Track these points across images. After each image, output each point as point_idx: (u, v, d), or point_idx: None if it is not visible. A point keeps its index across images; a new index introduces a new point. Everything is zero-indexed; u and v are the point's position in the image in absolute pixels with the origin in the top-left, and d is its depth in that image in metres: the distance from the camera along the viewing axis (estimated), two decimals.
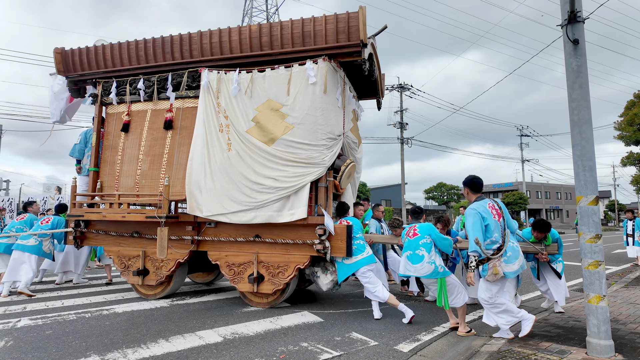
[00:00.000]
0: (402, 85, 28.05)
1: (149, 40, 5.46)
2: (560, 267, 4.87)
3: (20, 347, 3.46)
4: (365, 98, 6.86)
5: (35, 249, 5.89)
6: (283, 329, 4.09)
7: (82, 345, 3.53)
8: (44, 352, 3.34)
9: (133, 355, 3.28)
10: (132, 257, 5.52)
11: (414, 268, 4.20)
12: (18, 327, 4.08)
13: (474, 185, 3.93)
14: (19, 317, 4.46)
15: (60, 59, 5.93)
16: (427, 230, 4.34)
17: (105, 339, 3.71)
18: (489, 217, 3.67)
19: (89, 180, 5.82)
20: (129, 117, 5.70)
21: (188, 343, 3.59)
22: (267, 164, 4.84)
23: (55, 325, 4.16)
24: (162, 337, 3.77)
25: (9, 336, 3.77)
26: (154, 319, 4.42)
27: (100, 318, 4.47)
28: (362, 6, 4.62)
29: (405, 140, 27.91)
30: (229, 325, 4.20)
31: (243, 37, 5.02)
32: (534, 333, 3.81)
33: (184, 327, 4.12)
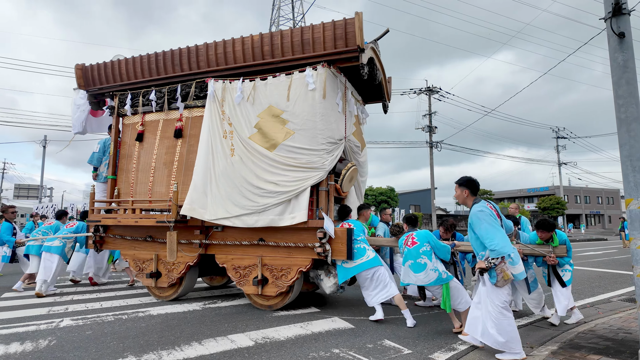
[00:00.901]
0: (430, 88, 27.62)
1: (159, 53, 5.75)
2: (569, 275, 4.58)
3: (63, 347, 3.60)
4: (372, 102, 6.90)
5: (59, 249, 6.32)
6: (314, 334, 4.05)
7: (119, 346, 3.64)
8: (85, 352, 3.46)
9: (168, 357, 3.35)
10: (146, 260, 5.77)
11: (416, 277, 4.18)
12: (61, 327, 4.26)
13: (474, 186, 3.64)
14: (61, 318, 4.66)
15: (80, 74, 6.35)
16: (425, 237, 4.31)
17: (141, 340, 3.81)
18: (494, 216, 3.42)
19: (106, 187, 6.17)
20: (143, 127, 6.00)
21: (220, 346, 3.63)
22: (269, 169, 4.96)
23: (94, 326, 4.32)
24: (196, 339, 3.83)
25: (53, 335, 3.94)
26: (187, 322, 4.49)
27: (136, 320, 4.60)
28: (358, 12, 4.71)
29: (435, 144, 27.40)
30: (260, 329, 4.21)
31: (246, 47, 5.21)
32: (580, 344, 3.59)
33: (216, 330, 4.16)
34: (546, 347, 3.60)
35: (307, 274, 5.33)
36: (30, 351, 3.47)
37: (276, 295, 5.05)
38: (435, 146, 27.37)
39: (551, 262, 4.52)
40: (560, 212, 36.58)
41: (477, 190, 3.65)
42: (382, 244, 5.47)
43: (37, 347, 3.57)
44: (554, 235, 4.62)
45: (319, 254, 4.74)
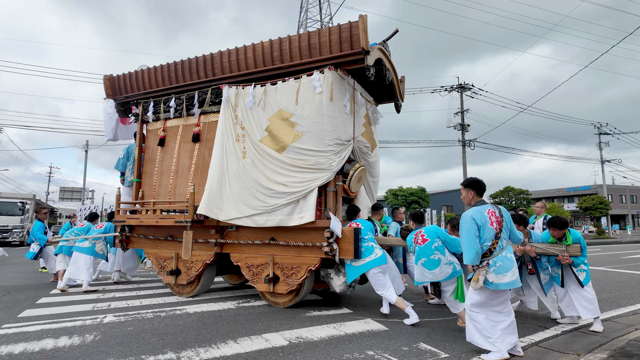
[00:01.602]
0: (462, 85, 26.92)
1: (178, 62, 6.05)
2: (584, 275, 4.42)
3: (107, 342, 3.76)
4: (385, 102, 6.95)
5: (89, 250, 6.74)
6: (347, 335, 4.02)
7: (159, 342, 3.76)
8: (127, 347, 3.60)
9: (205, 354, 3.42)
10: (167, 258, 6.07)
11: (432, 274, 4.18)
12: (104, 323, 4.46)
13: (479, 188, 3.59)
14: (105, 314, 4.87)
15: (108, 84, 6.76)
16: (435, 233, 4.30)
17: (179, 337, 3.91)
18: (485, 224, 3.38)
19: (131, 190, 6.55)
20: (164, 133, 6.33)
21: (255, 345, 3.67)
22: (278, 171, 5.11)
23: (135, 323, 4.48)
24: (231, 338, 3.90)
25: (97, 331, 4.13)
26: (222, 320, 4.58)
27: (174, 317, 4.74)
28: (362, 15, 4.78)
29: (467, 143, 26.67)
30: (294, 329, 4.23)
31: (257, 54, 5.40)
32: (632, 353, 3.37)
33: (251, 329, 4.22)
34: (594, 354, 3.40)
35: (318, 273, 5.45)
36: (77, 345, 3.65)
37: (287, 293, 5.19)
38: (468, 144, 26.64)
39: (565, 261, 4.40)
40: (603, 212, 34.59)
41: (482, 191, 3.60)
42: (393, 244, 5.50)
43: (84, 342, 3.75)
44: (567, 233, 4.51)
45: (327, 253, 4.85)
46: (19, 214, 20.59)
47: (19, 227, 20.31)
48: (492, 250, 3.35)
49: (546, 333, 4.22)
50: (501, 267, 3.31)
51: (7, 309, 5.09)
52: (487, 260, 3.35)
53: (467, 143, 26.68)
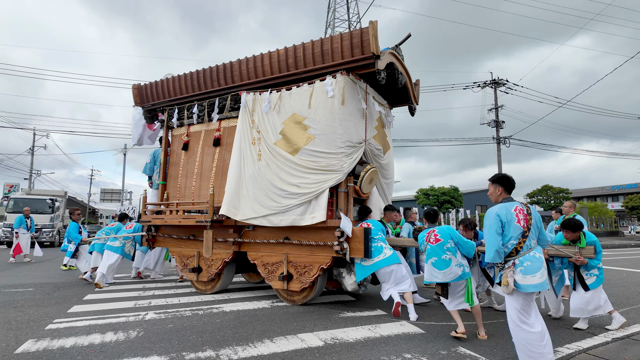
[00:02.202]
0: (496, 81, 26.08)
1: (199, 70, 6.37)
2: (593, 279, 4.38)
3: (150, 338, 3.90)
4: (400, 105, 7.03)
5: (119, 250, 7.22)
6: (383, 337, 3.98)
7: (198, 340, 3.85)
8: (168, 344, 3.72)
9: (243, 352, 3.48)
10: (189, 256, 6.40)
11: (442, 274, 4.12)
12: (146, 320, 4.62)
13: (508, 184, 3.39)
14: (146, 311, 5.05)
15: (137, 93, 7.18)
16: (448, 234, 4.26)
17: (217, 335, 4.00)
18: (511, 222, 3.17)
19: (158, 192, 6.93)
20: (188, 138, 6.67)
21: (291, 345, 3.69)
22: (292, 172, 5.30)
23: (175, 320, 4.62)
24: (267, 337, 3.94)
25: (140, 327, 4.28)
26: (258, 319, 4.65)
27: (211, 316, 4.85)
28: (373, 21, 4.92)
29: (502, 140, 25.80)
30: (328, 329, 4.23)
31: (273, 61, 5.63)
32: None
33: (286, 328, 4.25)
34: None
35: (331, 273, 5.63)
36: (122, 340, 3.80)
37: (300, 290, 5.38)
38: (503, 142, 25.78)
39: (579, 262, 4.37)
40: None
41: (511, 188, 3.40)
42: (405, 245, 5.52)
43: (128, 337, 3.90)
44: (581, 235, 4.48)
45: (337, 252, 5.00)
46: (49, 212, 19.41)
47: (48, 227, 18.92)
48: (518, 249, 3.14)
49: (595, 340, 4.01)
50: (529, 267, 3.08)
51: (57, 305, 5.40)
52: (513, 259, 3.15)
53: (502, 140, 25.82)
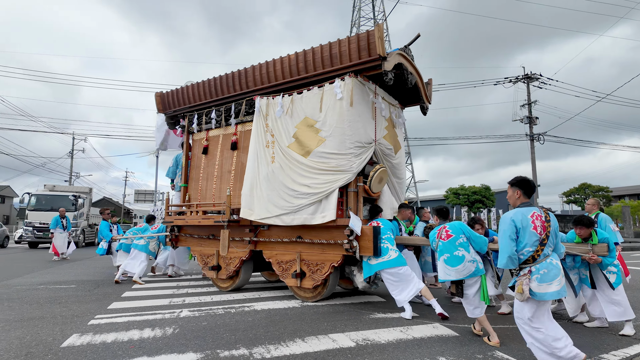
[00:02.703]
0: (528, 76, 25.22)
1: (217, 77, 6.64)
2: (614, 277, 4.28)
3: (185, 335, 4.00)
4: (412, 104, 7.09)
5: (144, 248, 7.62)
6: (415, 339, 3.91)
7: (231, 337, 3.92)
8: (203, 341, 3.80)
9: (275, 351, 3.51)
10: (209, 255, 6.68)
11: (455, 271, 4.00)
12: (181, 317, 4.75)
13: (528, 187, 3.26)
14: (180, 309, 5.19)
15: (159, 100, 7.55)
16: (460, 229, 4.18)
17: (249, 333, 4.06)
18: (526, 229, 3.05)
19: (180, 194, 7.26)
20: (207, 142, 6.97)
21: (323, 345, 3.69)
22: (303, 174, 5.47)
23: (208, 318, 4.72)
24: (298, 336, 3.96)
25: (176, 324, 4.40)
26: (289, 319, 4.68)
27: (243, 314, 4.93)
28: (379, 24, 5.05)
29: (536, 137, 24.88)
30: (359, 330, 4.20)
31: (284, 66, 5.81)
32: None
33: (317, 328, 4.26)
34: None
35: (344, 271, 5.80)
36: (160, 337, 3.92)
37: (312, 288, 5.55)
38: (537, 138, 24.89)
39: (593, 261, 4.27)
40: None
41: (531, 192, 3.27)
42: (417, 243, 5.53)
43: (164, 334, 4.02)
44: (593, 233, 4.40)
45: (347, 250, 5.13)
46: (72, 209, 17.97)
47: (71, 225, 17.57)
48: (535, 257, 3.02)
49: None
50: (545, 275, 2.97)
51: (98, 301, 5.64)
52: (529, 267, 3.03)
53: (536, 137, 24.94)
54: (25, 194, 18.91)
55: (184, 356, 3.36)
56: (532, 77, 25.31)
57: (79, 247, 17.53)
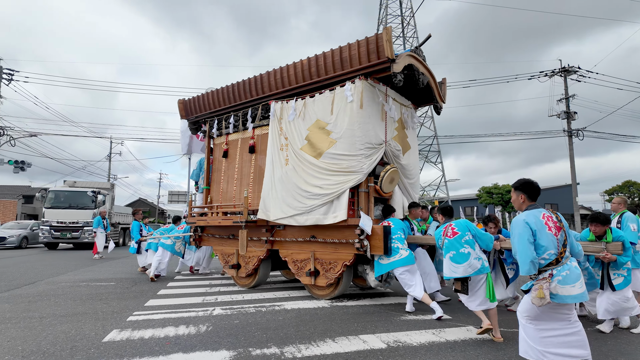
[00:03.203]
0: (565, 69, 24.11)
1: (234, 84, 6.89)
2: (621, 279, 4.20)
3: (218, 333, 4.09)
4: (426, 104, 7.11)
5: (169, 247, 8.06)
6: (449, 342, 3.82)
7: (263, 336, 3.97)
8: (235, 339, 3.87)
9: (306, 351, 3.52)
10: (230, 254, 6.95)
11: (461, 268, 4.02)
12: (214, 315, 4.86)
13: (533, 190, 3.11)
14: (213, 307, 5.31)
15: (182, 107, 7.90)
16: (465, 226, 4.21)
17: (280, 332, 4.10)
18: (542, 230, 2.89)
19: (203, 196, 7.59)
20: (227, 146, 7.25)
21: (353, 346, 3.68)
22: (315, 175, 5.62)
23: (240, 316, 4.81)
24: (329, 336, 3.96)
25: (209, 322, 4.51)
26: (319, 318, 4.69)
27: (274, 313, 4.98)
28: (387, 27, 5.13)
29: (574, 133, 23.70)
30: (390, 332, 4.16)
31: (297, 71, 5.99)
32: None
33: (347, 329, 4.25)
34: None
35: (357, 269, 5.89)
36: (194, 334, 4.03)
37: (326, 286, 5.71)
38: (576, 134, 23.70)
39: (607, 259, 4.18)
40: None
41: (536, 195, 3.12)
42: (429, 243, 5.53)
43: (198, 331, 4.13)
44: (607, 231, 4.31)
45: (358, 249, 5.24)
46: (91, 206, 16.56)
47: (91, 224, 15.46)
48: (559, 259, 2.86)
49: None
50: (567, 276, 2.81)
51: (135, 298, 5.87)
52: (550, 270, 2.86)
53: (574, 133, 23.75)
54: (42, 190, 17.48)
55: (217, 353, 3.43)
56: (569, 70, 24.17)
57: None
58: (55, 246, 17.34)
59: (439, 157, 35.45)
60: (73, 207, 16.66)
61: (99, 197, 17.15)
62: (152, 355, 3.39)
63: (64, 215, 16.36)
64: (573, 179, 24.08)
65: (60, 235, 16.26)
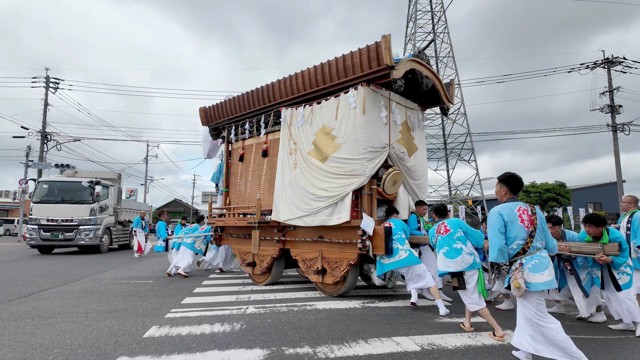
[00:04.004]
0: (609, 60, 22.90)
1: (248, 92, 7.28)
2: (627, 279, 4.24)
3: (252, 331, 4.16)
4: (434, 106, 7.23)
5: (190, 245, 8.52)
6: (486, 347, 3.70)
7: (295, 335, 4.00)
8: (269, 338, 3.92)
9: (339, 351, 3.52)
10: (246, 252, 7.32)
11: (454, 263, 4.23)
12: (247, 314, 4.95)
13: (515, 184, 3.40)
14: (247, 305, 5.42)
15: (203, 114, 8.40)
16: (457, 223, 4.45)
17: (312, 332, 4.11)
18: (514, 222, 3.22)
19: (222, 198, 8.05)
20: (243, 150, 7.66)
21: (386, 347, 3.64)
22: (321, 178, 5.89)
23: (273, 315, 4.87)
24: (361, 337, 3.94)
25: (242, 320, 4.60)
26: (351, 319, 4.68)
27: (305, 312, 5.02)
28: (386, 35, 5.28)
29: (619, 127, 22.40)
30: (424, 334, 4.08)
31: (304, 79, 6.29)
32: None
33: (379, 330, 4.21)
34: None
35: (363, 268, 6.19)
36: (229, 332, 4.12)
37: (332, 284, 5.99)
38: (621, 129, 22.40)
39: (602, 261, 4.27)
40: None
41: (518, 188, 3.42)
42: (419, 241, 5.68)
43: (233, 329, 4.22)
44: (604, 231, 4.38)
45: (361, 249, 5.47)
46: (89, 201, 13.49)
47: (89, 223, 13.30)
48: (525, 249, 3.18)
49: None
50: (536, 265, 3.12)
51: (172, 296, 6.08)
52: (520, 259, 3.18)
53: (619, 127, 22.45)
54: (31, 180, 14.60)
55: (252, 352, 3.49)
56: (613, 61, 22.92)
57: (101, 251, 14.41)
58: (49, 250, 14.29)
59: (472, 155, 34.47)
60: (66, 200, 13.44)
61: (97, 188, 13.72)
62: (189, 351, 3.50)
63: (57, 210, 13.29)
64: (618, 177, 22.76)
65: (52, 237, 13.20)
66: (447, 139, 35.74)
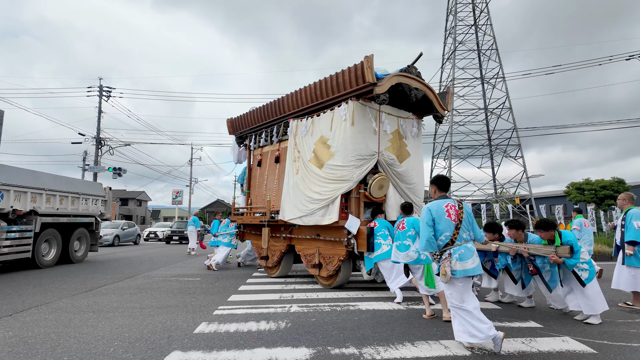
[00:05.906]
0: None
1: (265, 105, 8.19)
2: (587, 274, 4.59)
3: (297, 330, 4.19)
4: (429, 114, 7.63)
5: (227, 244, 9.79)
6: (542, 353, 3.51)
7: (340, 335, 3.99)
8: (314, 337, 3.94)
9: (385, 353, 3.47)
10: (262, 247, 8.15)
11: (402, 255, 4.99)
12: (292, 312, 5.00)
13: (442, 183, 3.89)
14: (290, 304, 5.49)
15: (229, 124, 9.50)
16: (412, 223, 5.11)
17: (357, 333, 4.08)
18: (442, 217, 3.64)
19: (245, 198, 9.13)
20: (261, 157, 8.61)
21: (434, 351, 3.54)
22: (317, 183, 6.62)
23: (316, 314, 4.89)
24: (407, 340, 3.86)
25: (287, 319, 4.66)
26: (395, 321, 4.61)
27: (349, 313, 5.00)
28: (367, 55, 5.92)
29: None
30: None
31: (307, 94, 7.07)
32: None
33: (426, 333, 4.11)
34: None
35: (356, 264, 6.93)
36: (274, 330, 4.18)
37: (327, 277, 6.75)
38: None
39: (553, 261, 4.67)
40: None
41: (445, 187, 3.88)
42: None
43: (278, 327, 4.28)
44: (555, 234, 4.77)
45: (346, 246, 6.19)
46: None
47: None
48: (453, 240, 3.58)
49: None
50: (463, 254, 3.54)
51: (219, 294, 6.28)
52: (449, 249, 3.58)
53: None
54: None
55: (298, 350, 3.52)
56: None
57: None
58: None
59: (519, 151, 32.87)
60: None
61: None
62: (238, 348, 3.59)
63: None
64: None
65: None
66: (491, 135, 34.29)
